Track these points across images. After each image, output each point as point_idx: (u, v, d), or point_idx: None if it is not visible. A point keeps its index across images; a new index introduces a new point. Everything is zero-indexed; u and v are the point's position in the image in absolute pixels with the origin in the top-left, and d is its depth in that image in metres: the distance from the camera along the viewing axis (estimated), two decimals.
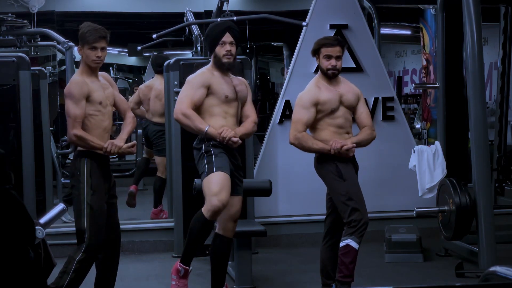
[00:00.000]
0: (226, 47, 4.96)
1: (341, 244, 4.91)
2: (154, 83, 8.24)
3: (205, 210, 4.79)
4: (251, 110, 5.11)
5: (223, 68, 4.98)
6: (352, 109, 5.14)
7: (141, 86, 8.47)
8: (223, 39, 4.96)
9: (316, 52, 5.11)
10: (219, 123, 4.91)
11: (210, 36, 5.06)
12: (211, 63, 5.05)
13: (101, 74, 4.94)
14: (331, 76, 5.07)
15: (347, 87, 5.15)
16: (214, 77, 4.96)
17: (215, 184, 4.77)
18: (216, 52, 4.99)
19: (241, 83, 5.10)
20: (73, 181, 4.75)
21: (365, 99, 7.23)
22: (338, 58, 5.06)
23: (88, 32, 4.73)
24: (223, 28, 5.01)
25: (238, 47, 5.08)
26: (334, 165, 4.97)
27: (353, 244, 4.88)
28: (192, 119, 4.86)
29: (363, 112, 5.17)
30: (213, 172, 4.78)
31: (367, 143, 5.18)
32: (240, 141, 4.92)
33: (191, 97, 4.88)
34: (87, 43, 4.73)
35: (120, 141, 4.76)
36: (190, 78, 5.02)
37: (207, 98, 4.92)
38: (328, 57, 5.04)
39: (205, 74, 4.99)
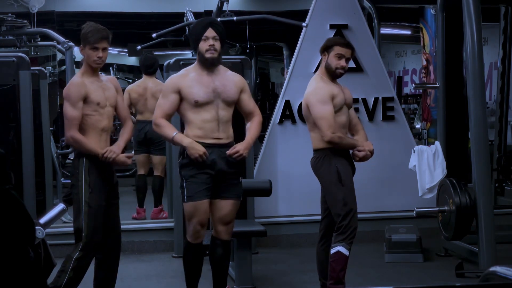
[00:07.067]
0: (209, 41, 4.76)
1: (332, 250, 4.90)
2: (147, 83, 7.98)
3: (188, 236, 4.86)
4: (252, 106, 4.91)
5: (206, 64, 4.79)
6: (349, 109, 5.11)
7: (131, 88, 8.08)
8: (206, 34, 4.78)
9: (326, 49, 5.01)
10: (195, 132, 4.73)
11: (193, 34, 4.89)
12: (196, 61, 4.88)
13: (109, 78, 4.97)
14: (337, 76, 5.02)
15: (344, 88, 5.13)
16: (187, 79, 4.77)
17: (189, 213, 4.78)
18: (200, 48, 4.79)
19: (230, 82, 4.83)
20: (73, 180, 4.79)
21: (365, 99, 7.34)
22: (348, 60, 5.03)
23: (90, 33, 4.75)
24: (206, 24, 4.85)
25: (224, 44, 4.89)
26: (335, 168, 4.92)
27: (344, 250, 4.87)
28: (160, 128, 4.76)
29: (355, 116, 5.18)
30: (185, 202, 4.77)
31: None
32: (207, 155, 4.67)
33: (162, 107, 4.77)
34: (88, 44, 4.75)
35: (118, 148, 4.77)
36: (166, 81, 4.94)
37: (181, 103, 4.77)
38: (340, 56, 4.97)
39: (178, 77, 4.82)
